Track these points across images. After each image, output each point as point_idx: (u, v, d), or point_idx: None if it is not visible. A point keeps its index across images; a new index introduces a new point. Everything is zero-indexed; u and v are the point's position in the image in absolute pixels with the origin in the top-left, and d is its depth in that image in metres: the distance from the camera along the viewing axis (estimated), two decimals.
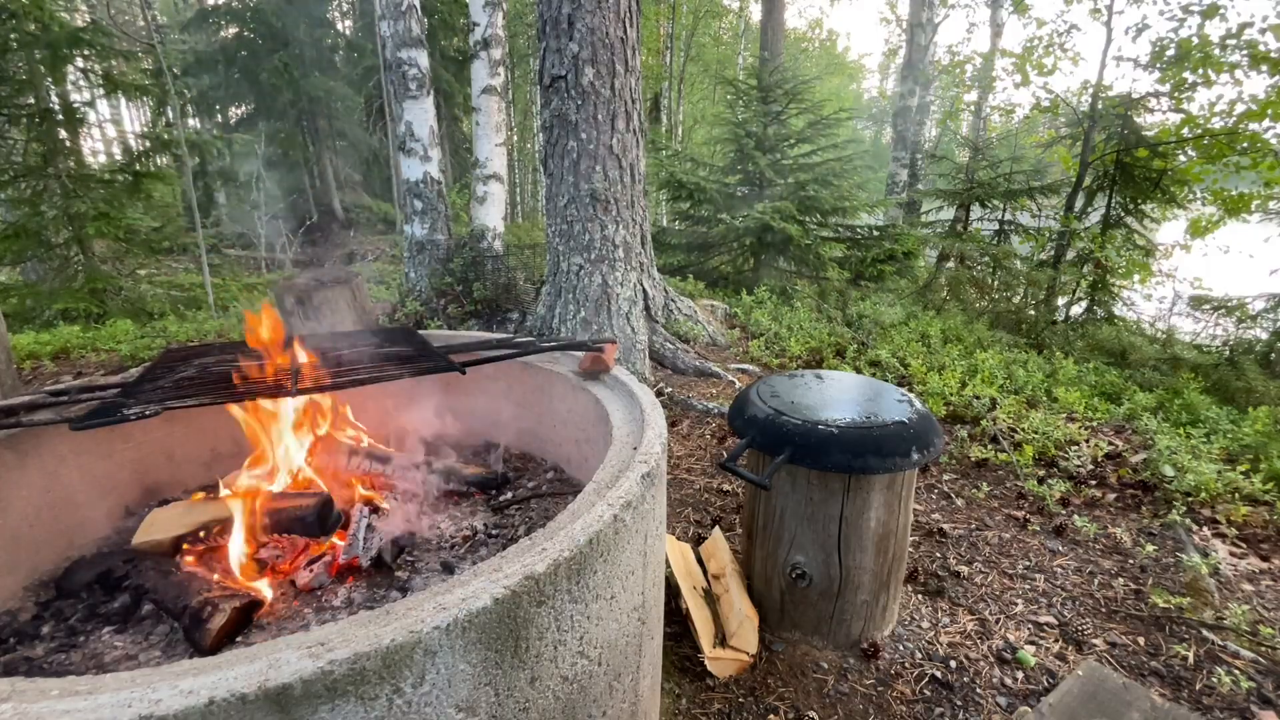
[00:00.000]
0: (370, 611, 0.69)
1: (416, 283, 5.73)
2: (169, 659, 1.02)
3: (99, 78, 6.79)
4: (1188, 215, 6.54)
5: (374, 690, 0.63)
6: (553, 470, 1.71)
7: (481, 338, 1.79)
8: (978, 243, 7.11)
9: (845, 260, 6.96)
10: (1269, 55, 5.36)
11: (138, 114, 20.90)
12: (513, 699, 0.76)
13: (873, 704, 1.60)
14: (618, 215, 4.02)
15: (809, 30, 25.54)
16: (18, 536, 1.25)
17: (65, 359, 4.49)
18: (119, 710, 0.55)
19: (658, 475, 1.05)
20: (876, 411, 1.68)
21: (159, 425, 1.53)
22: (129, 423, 1.05)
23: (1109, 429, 3.45)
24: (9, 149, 6.67)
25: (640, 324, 4.08)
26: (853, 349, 4.58)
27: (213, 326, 5.43)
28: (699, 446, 3.11)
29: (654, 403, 1.29)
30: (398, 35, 5.39)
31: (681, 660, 1.70)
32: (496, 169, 6.22)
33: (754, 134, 7.12)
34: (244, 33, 11.03)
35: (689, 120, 19.39)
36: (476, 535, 1.37)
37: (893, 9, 18.82)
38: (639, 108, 4.05)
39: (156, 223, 7.66)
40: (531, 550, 0.80)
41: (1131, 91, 6.24)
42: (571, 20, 3.71)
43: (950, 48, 12.74)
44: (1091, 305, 6.41)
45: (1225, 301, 5.75)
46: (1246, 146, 5.48)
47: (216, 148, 8.05)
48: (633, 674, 1.01)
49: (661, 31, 17.89)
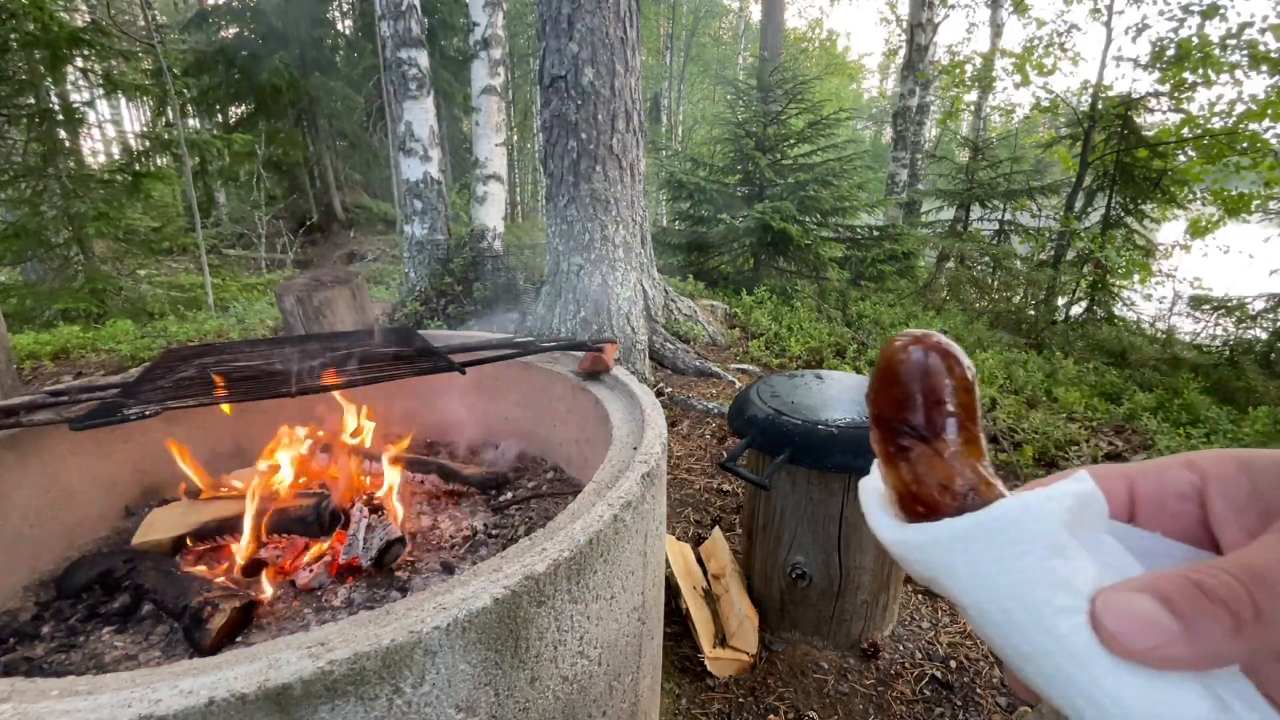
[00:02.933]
0: (370, 611, 0.69)
1: (416, 283, 5.73)
2: (169, 659, 1.02)
3: (99, 78, 6.79)
4: (1188, 215, 6.54)
5: (374, 690, 0.63)
6: (553, 470, 1.71)
7: (481, 338, 1.79)
8: (978, 243, 7.11)
9: (845, 260, 6.96)
10: (1269, 55, 5.36)
11: (138, 114, 20.90)
12: (513, 699, 0.76)
13: (873, 704, 1.60)
14: (618, 215, 4.02)
15: (809, 30, 25.55)
16: (17, 536, 1.25)
17: (65, 359, 4.49)
18: (119, 710, 0.55)
19: (658, 475, 1.05)
20: None
21: (159, 425, 1.53)
22: (129, 423, 1.05)
23: (1109, 429, 3.45)
24: (9, 149, 6.67)
25: (640, 324, 4.08)
26: (853, 349, 4.58)
27: (213, 327, 5.43)
28: (699, 446, 3.11)
29: (654, 403, 1.29)
30: (398, 35, 5.39)
31: (681, 660, 1.70)
32: (496, 169, 6.21)
33: (754, 134, 7.12)
34: (244, 33, 11.03)
35: (689, 120, 19.39)
36: (476, 535, 1.37)
37: (893, 9, 18.82)
38: (639, 108, 4.05)
39: (156, 223, 7.66)
40: (531, 550, 0.80)
41: (1131, 91, 6.24)
42: (571, 20, 3.71)
43: (950, 48, 12.74)
44: (1091, 305, 6.41)
45: (1225, 301, 5.75)
46: (1246, 146, 5.48)
47: (216, 148, 8.04)
48: (633, 674, 1.01)
49: (661, 31, 17.88)
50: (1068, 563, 0.25)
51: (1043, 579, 0.25)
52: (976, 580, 0.27)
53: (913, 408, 0.31)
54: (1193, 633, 0.23)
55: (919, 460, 0.31)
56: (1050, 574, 0.25)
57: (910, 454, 0.31)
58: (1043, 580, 0.25)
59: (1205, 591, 0.23)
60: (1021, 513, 0.26)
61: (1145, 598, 0.24)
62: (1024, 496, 0.27)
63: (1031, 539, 0.26)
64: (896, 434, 0.32)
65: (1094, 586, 0.25)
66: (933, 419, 0.31)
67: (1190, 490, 0.29)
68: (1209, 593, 0.23)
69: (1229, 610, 0.23)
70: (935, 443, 0.30)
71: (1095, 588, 0.25)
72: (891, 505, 0.32)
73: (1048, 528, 0.26)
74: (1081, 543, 0.27)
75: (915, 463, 0.31)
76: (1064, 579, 0.25)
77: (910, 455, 0.31)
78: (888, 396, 0.32)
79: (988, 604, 0.27)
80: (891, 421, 0.32)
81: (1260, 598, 0.23)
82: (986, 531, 0.27)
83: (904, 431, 0.31)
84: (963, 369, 0.31)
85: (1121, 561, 0.28)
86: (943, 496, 0.29)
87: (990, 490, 0.29)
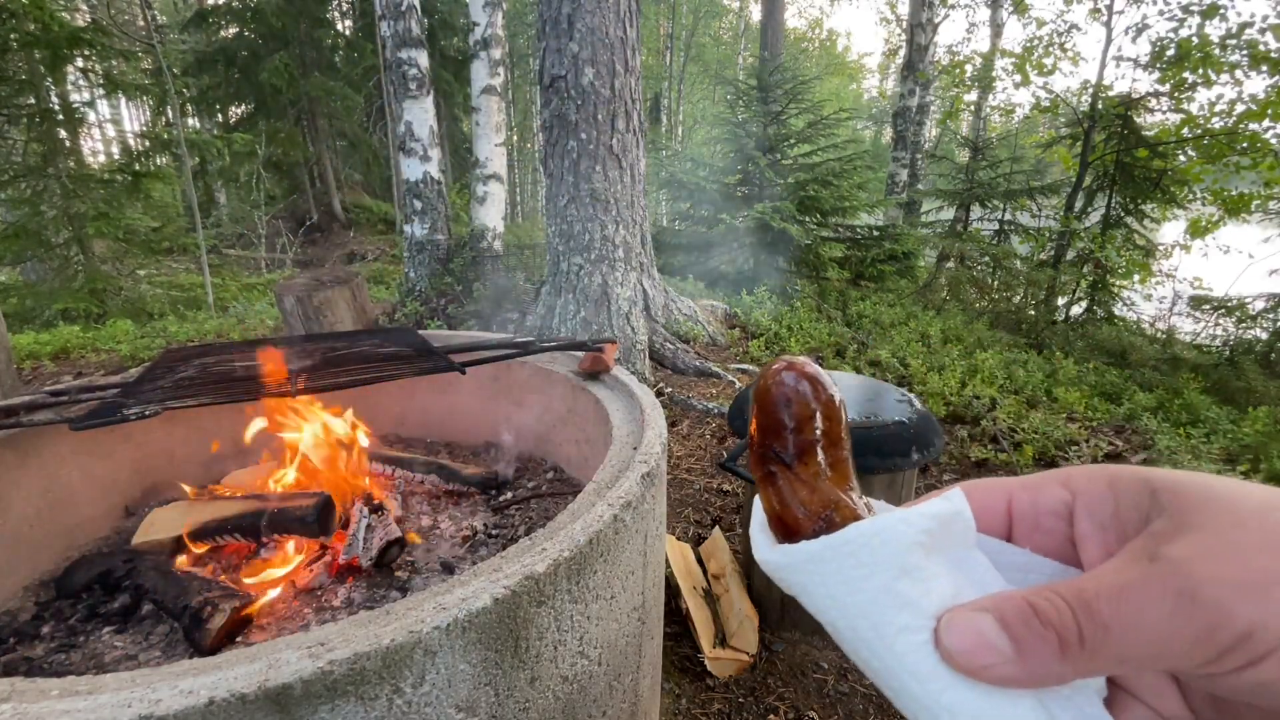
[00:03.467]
0: (370, 611, 0.69)
1: (416, 283, 5.73)
2: (169, 659, 1.02)
3: (99, 78, 6.80)
4: (1188, 215, 6.54)
5: (374, 690, 0.63)
6: (553, 470, 1.71)
7: (481, 338, 1.79)
8: (978, 243, 7.11)
9: (845, 260, 6.96)
10: (1269, 55, 5.36)
11: (138, 114, 20.90)
12: (513, 699, 0.76)
13: (873, 704, 1.60)
14: (618, 215, 4.02)
15: (809, 30, 25.56)
16: (18, 536, 1.25)
17: (65, 359, 4.49)
18: (119, 710, 0.55)
19: (658, 475, 1.05)
20: (876, 411, 1.68)
21: (159, 425, 1.53)
22: (129, 423, 1.05)
23: (1109, 429, 3.45)
24: (9, 149, 6.67)
25: (640, 324, 4.08)
26: (853, 349, 4.59)
27: (213, 326, 5.43)
28: (699, 446, 3.11)
29: (654, 403, 1.29)
30: (398, 35, 5.39)
31: (681, 660, 1.70)
32: (496, 169, 6.22)
33: (754, 134, 7.12)
34: (244, 33, 11.03)
35: (689, 120, 19.40)
36: (476, 535, 1.37)
37: (893, 9, 18.84)
38: (639, 108, 4.05)
39: (156, 223, 7.66)
40: (531, 550, 0.80)
41: (1131, 91, 6.24)
42: (571, 20, 3.71)
43: (950, 48, 12.74)
44: (1091, 305, 6.41)
45: (1225, 301, 5.75)
46: (1246, 146, 5.48)
47: (216, 148, 8.04)
48: (633, 674, 1.01)
49: (661, 31, 17.89)
50: (916, 583, 0.27)
51: (888, 600, 0.26)
52: (829, 600, 0.28)
53: (778, 433, 0.32)
54: (1024, 654, 0.24)
55: (784, 484, 0.32)
56: (896, 595, 0.26)
57: (777, 479, 0.32)
58: (888, 601, 0.26)
59: (1039, 615, 0.24)
60: (871, 536, 0.27)
61: (987, 618, 0.25)
62: (877, 520, 0.28)
63: (879, 561, 0.27)
64: (765, 459, 0.33)
65: (946, 604, 0.26)
66: (796, 445, 0.32)
67: (1062, 508, 0.29)
68: (1042, 616, 0.24)
69: (1057, 634, 0.24)
70: (797, 468, 0.32)
71: (946, 606, 0.26)
72: (767, 527, 0.33)
73: (898, 549, 0.27)
74: (946, 560, 0.28)
75: (780, 487, 0.32)
76: (909, 599, 0.26)
77: (777, 480, 0.32)
78: (758, 422, 0.33)
79: (840, 623, 0.28)
80: (760, 446, 0.33)
81: (1085, 624, 0.23)
82: (837, 554, 0.28)
83: (771, 456, 0.32)
84: (828, 396, 0.32)
85: (986, 578, 0.29)
86: (804, 519, 0.30)
87: (849, 514, 0.30)
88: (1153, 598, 0.23)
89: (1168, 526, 0.24)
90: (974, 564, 0.29)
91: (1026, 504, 0.31)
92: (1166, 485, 0.26)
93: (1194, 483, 0.25)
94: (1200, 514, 0.24)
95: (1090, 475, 0.29)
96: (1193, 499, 0.24)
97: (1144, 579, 0.23)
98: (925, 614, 0.26)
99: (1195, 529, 0.23)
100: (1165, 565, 0.23)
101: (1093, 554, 0.28)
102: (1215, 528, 0.23)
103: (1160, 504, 0.25)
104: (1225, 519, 0.23)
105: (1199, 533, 0.23)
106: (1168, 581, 0.23)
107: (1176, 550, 0.23)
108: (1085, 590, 0.24)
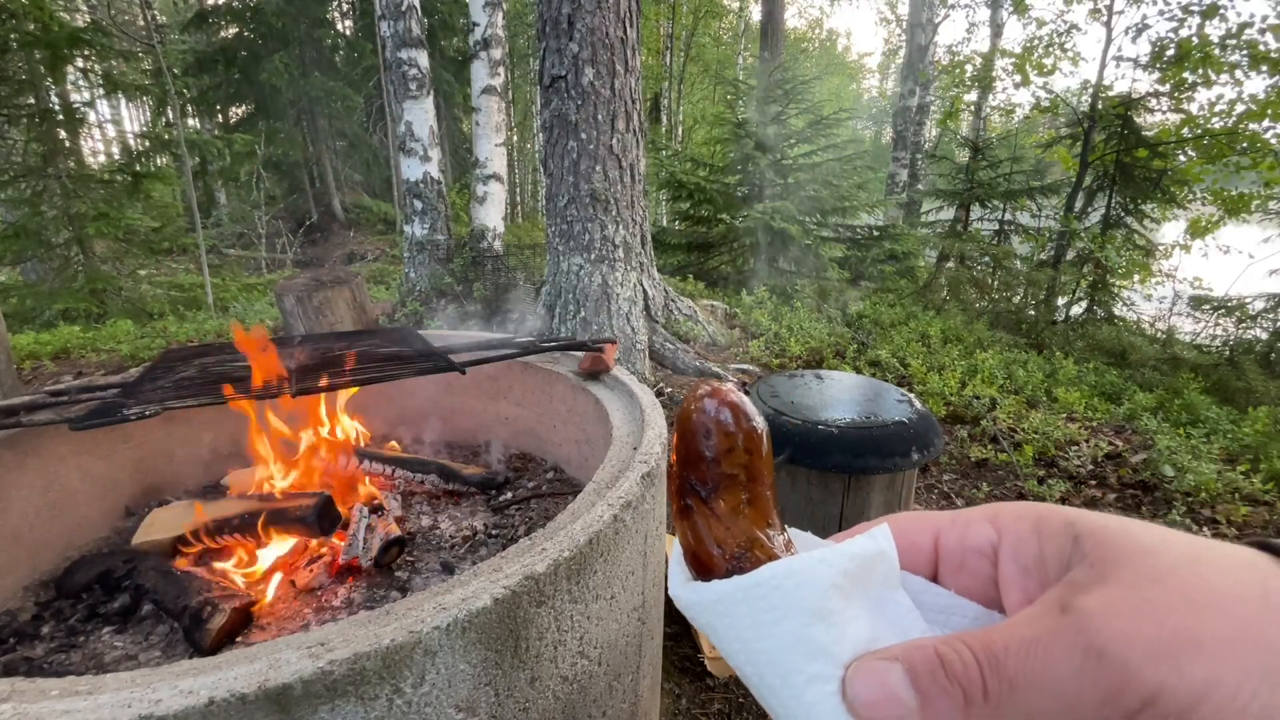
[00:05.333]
0: (370, 611, 0.69)
1: (416, 283, 5.73)
2: (169, 659, 1.02)
3: (99, 78, 6.80)
4: (1188, 215, 6.54)
5: (374, 690, 0.63)
6: (553, 470, 1.71)
7: (481, 338, 1.79)
8: (978, 243, 7.11)
9: (845, 260, 6.96)
10: (1269, 55, 5.36)
11: (138, 114, 20.91)
12: (513, 699, 0.76)
13: None
14: (618, 215, 4.02)
15: (809, 30, 25.56)
16: (17, 536, 1.25)
17: (65, 359, 4.49)
18: (119, 710, 0.55)
19: (658, 475, 1.05)
20: (876, 411, 1.68)
21: (159, 425, 1.53)
22: (129, 423, 1.05)
23: (1109, 429, 3.45)
24: (9, 149, 6.67)
25: (640, 324, 4.08)
26: (853, 349, 4.59)
27: (213, 326, 5.44)
28: None
29: (654, 403, 1.29)
30: (398, 35, 5.39)
31: (681, 660, 1.70)
32: (496, 169, 6.22)
33: (754, 134, 7.12)
34: (244, 33, 11.03)
35: (689, 120, 19.39)
36: (476, 535, 1.37)
37: (893, 9, 18.85)
38: (639, 108, 4.05)
39: (156, 223, 7.66)
40: (531, 550, 0.80)
41: (1131, 91, 6.24)
42: (571, 20, 3.71)
43: (950, 48, 12.73)
44: (1091, 305, 6.41)
45: (1225, 301, 5.75)
46: (1246, 146, 5.48)
47: (216, 148, 8.05)
48: (633, 674, 1.01)
49: (661, 31, 17.89)
50: (830, 629, 0.25)
51: (797, 646, 0.25)
52: (736, 644, 0.27)
53: (696, 465, 0.31)
54: (927, 708, 0.23)
55: (699, 519, 0.30)
56: (807, 642, 0.25)
57: (693, 513, 0.30)
58: (797, 648, 0.25)
59: (946, 667, 0.23)
60: (785, 578, 0.26)
61: (896, 668, 0.24)
62: (793, 561, 0.27)
63: (792, 605, 0.26)
64: (683, 491, 0.31)
65: (861, 650, 0.25)
66: (714, 478, 0.30)
67: (988, 547, 0.29)
68: (948, 668, 0.23)
69: (962, 689, 0.23)
70: (714, 502, 0.30)
71: (861, 651, 0.25)
72: (684, 561, 0.31)
73: (814, 592, 0.26)
74: (866, 601, 0.27)
75: (695, 522, 0.30)
76: (821, 646, 0.25)
77: (693, 514, 0.30)
78: (677, 452, 0.32)
79: (746, 666, 0.27)
80: (679, 478, 0.31)
81: (990, 679, 0.23)
82: (748, 595, 0.26)
83: (689, 489, 0.31)
84: (749, 426, 0.31)
85: (906, 621, 0.28)
86: (718, 558, 0.29)
87: (764, 553, 0.28)
88: (1061, 653, 0.22)
89: (1086, 576, 0.24)
90: (895, 606, 0.28)
91: (954, 541, 0.30)
92: (1090, 531, 0.25)
93: (1118, 530, 0.24)
94: (1119, 565, 0.23)
95: (1017, 515, 0.28)
96: (1114, 549, 0.24)
97: (1053, 633, 0.22)
98: (837, 662, 0.25)
99: (1112, 581, 0.23)
100: (1076, 618, 0.22)
101: (1014, 599, 0.27)
102: (1133, 581, 0.22)
103: (1082, 551, 0.25)
104: (1144, 573, 0.22)
105: (1115, 585, 0.22)
106: (1077, 638, 0.22)
107: (1089, 603, 0.22)
108: (994, 643, 0.23)
